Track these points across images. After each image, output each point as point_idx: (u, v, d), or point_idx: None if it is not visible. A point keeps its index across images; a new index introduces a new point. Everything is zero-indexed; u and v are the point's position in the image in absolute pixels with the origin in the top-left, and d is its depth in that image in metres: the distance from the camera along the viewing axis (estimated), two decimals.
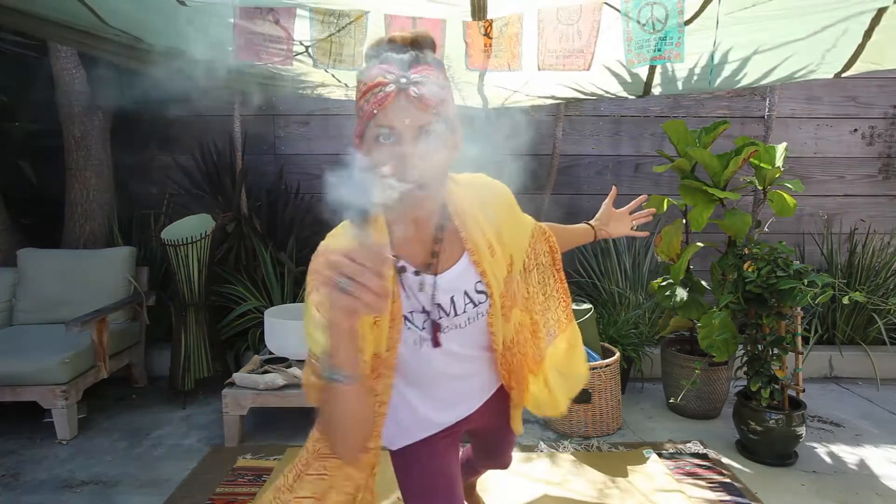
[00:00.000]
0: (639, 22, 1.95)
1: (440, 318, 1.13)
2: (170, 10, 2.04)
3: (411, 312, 1.11)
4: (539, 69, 2.13)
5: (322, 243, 1.06)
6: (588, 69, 2.10)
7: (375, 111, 0.93)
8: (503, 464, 1.76)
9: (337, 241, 1.05)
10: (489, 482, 2.45)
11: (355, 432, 0.99)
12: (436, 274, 1.11)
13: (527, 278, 1.29)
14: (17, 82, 3.61)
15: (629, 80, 2.66)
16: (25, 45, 3.38)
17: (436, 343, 1.12)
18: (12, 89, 3.57)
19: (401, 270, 1.09)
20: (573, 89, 2.83)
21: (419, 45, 0.98)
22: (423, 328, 1.13)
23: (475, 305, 1.15)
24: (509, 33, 2.11)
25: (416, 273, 1.10)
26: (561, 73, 2.58)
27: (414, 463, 1.29)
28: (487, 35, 2.12)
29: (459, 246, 1.13)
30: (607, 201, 1.65)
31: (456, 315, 1.14)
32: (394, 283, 1.05)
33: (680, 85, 2.63)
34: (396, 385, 1.17)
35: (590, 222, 1.59)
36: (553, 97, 2.95)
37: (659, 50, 1.97)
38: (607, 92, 2.81)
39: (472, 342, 1.20)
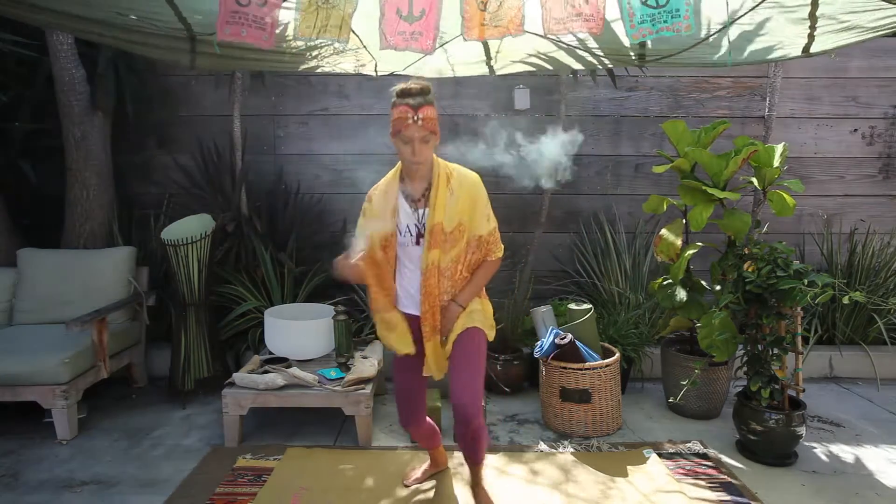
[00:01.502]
0: None
1: (400, 235, 2.05)
2: None
3: (406, 225, 2.04)
4: (545, 35, 2.09)
5: (376, 184, 2.12)
6: (599, 33, 2.05)
7: (401, 130, 1.90)
8: (457, 397, 2.02)
9: (381, 180, 2.11)
10: (489, 483, 2.45)
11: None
12: (416, 210, 2.05)
13: (466, 248, 2.05)
14: (17, 82, 3.61)
15: (621, 50, 2.62)
16: (25, 45, 3.38)
17: (417, 241, 2.04)
18: (12, 89, 3.57)
19: (407, 196, 2.06)
20: (562, 46, 2.74)
21: (424, 93, 1.91)
22: (407, 235, 2.04)
23: (411, 236, 2.04)
24: (510, 4, 2.07)
25: (414, 205, 2.04)
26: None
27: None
28: (485, 10, 2.08)
29: (425, 203, 2.03)
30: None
31: (403, 236, 2.05)
32: (395, 210, 2.04)
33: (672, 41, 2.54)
34: (401, 262, 2.10)
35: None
36: (538, 55, 2.86)
37: (666, 22, 1.94)
38: (601, 53, 2.73)
39: (411, 256, 2.07)
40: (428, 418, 2.35)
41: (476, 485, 2.30)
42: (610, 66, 2.87)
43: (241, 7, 2.03)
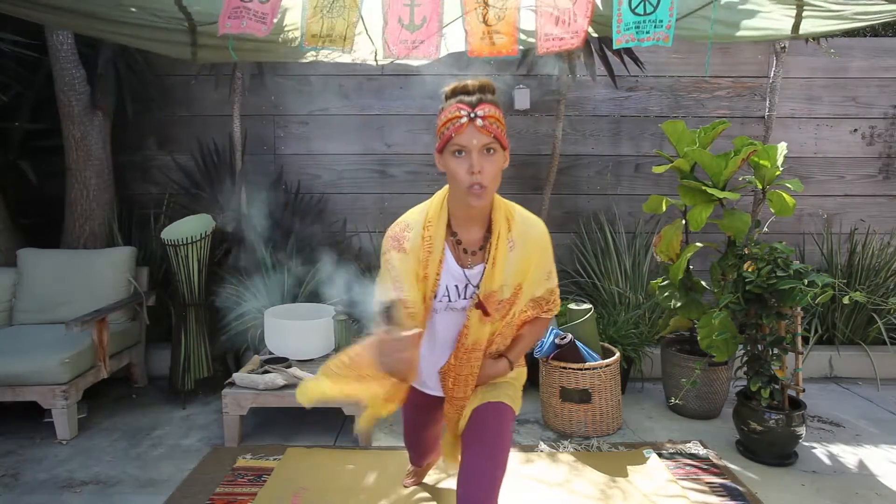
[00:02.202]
0: (630, 4, 1.96)
1: (439, 299, 1.54)
2: None
3: (445, 286, 1.53)
4: (538, 54, 2.13)
5: (401, 217, 1.56)
6: (582, 46, 2.11)
7: (453, 135, 1.37)
8: (472, 488, 1.51)
9: (411, 215, 1.56)
10: None
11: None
12: (465, 267, 1.53)
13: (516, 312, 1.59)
14: (17, 82, 3.61)
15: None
16: (25, 45, 3.38)
17: (479, 306, 1.52)
18: (12, 89, 3.57)
19: (455, 246, 1.53)
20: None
21: (484, 89, 1.41)
22: (444, 299, 1.54)
23: (449, 300, 1.54)
24: (507, 19, 2.10)
25: (463, 260, 1.53)
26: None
27: (409, 406, 1.85)
28: (486, 23, 2.10)
29: (482, 257, 1.53)
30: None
31: (439, 300, 1.54)
32: (439, 264, 1.50)
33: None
34: (429, 330, 1.58)
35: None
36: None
37: (648, 32, 1.99)
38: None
39: (448, 325, 1.57)
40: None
41: None
42: (596, 35, 2.86)
43: (244, 2, 2.04)
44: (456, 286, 1.52)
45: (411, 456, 2.18)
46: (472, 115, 1.36)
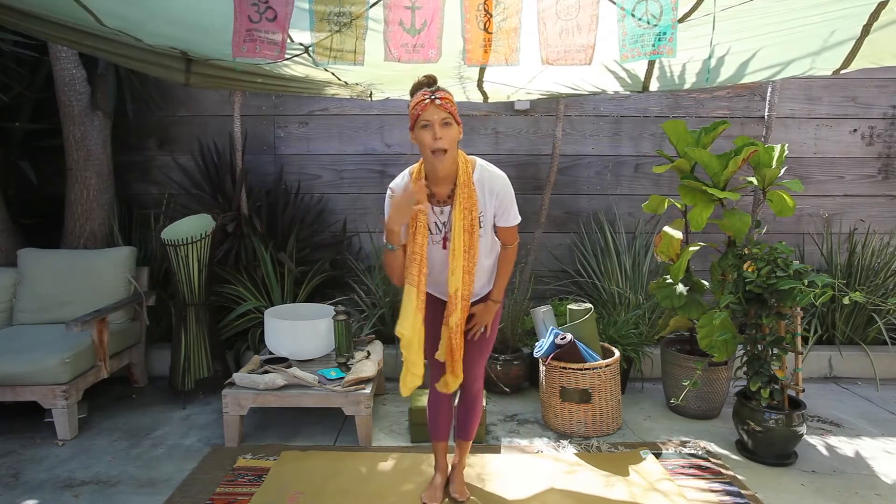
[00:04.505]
0: (633, 15, 1.96)
1: (435, 234, 2.06)
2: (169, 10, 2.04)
3: (434, 223, 2.04)
4: (542, 63, 2.14)
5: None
6: (589, 64, 2.10)
7: (420, 113, 1.87)
8: (470, 385, 2.22)
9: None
10: (489, 482, 2.45)
11: (399, 271, 2.06)
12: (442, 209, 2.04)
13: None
14: (17, 82, 3.61)
15: (627, 79, 2.67)
16: (25, 45, 3.38)
17: (444, 245, 2.06)
18: (12, 89, 3.57)
19: (430, 197, 2.02)
20: (572, 88, 2.85)
21: (434, 81, 1.94)
22: (435, 234, 2.06)
23: (432, 234, 2.05)
24: (507, 28, 2.10)
25: (438, 205, 2.04)
26: (561, 73, 2.58)
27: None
28: (486, 30, 2.11)
29: (451, 202, 2.02)
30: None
31: (433, 235, 2.06)
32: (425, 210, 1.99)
33: (676, 80, 2.64)
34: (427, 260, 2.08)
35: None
36: (552, 94, 2.97)
37: (653, 45, 1.99)
38: (605, 91, 2.83)
39: (434, 260, 2.08)
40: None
41: (458, 465, 2.36)
42: (621, 90, 2.91)
43: (254, 24, 2.05)
44: (435, 223, 2.03)
45: (431, 418, 2.30)
46: (432, 97, 1.85)
